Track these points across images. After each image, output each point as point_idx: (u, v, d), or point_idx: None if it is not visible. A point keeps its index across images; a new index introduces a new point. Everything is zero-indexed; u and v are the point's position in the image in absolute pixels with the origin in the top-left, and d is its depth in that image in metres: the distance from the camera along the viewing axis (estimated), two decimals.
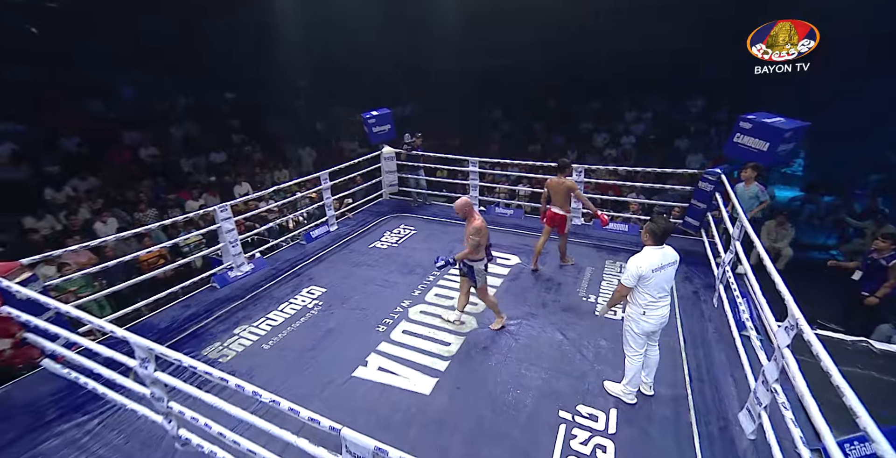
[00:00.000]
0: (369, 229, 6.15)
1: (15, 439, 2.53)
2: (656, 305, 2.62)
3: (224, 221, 4.37)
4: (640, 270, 2.52)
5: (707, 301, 4.16)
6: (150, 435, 2.58)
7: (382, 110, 6.73)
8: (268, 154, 10.68)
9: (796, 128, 4.44)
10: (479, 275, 3.46)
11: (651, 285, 2.57)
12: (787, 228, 6.54)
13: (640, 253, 2.61)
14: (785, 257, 6.52)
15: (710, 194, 4.84)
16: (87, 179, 7.46)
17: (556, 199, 4.51)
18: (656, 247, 2.59)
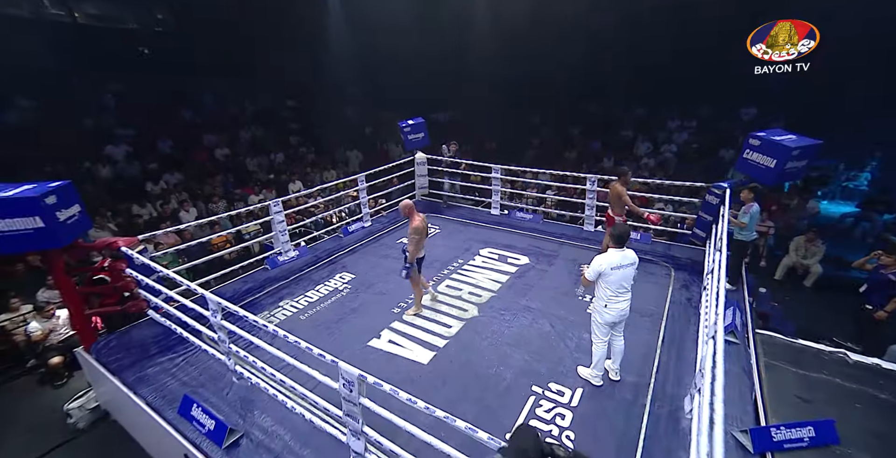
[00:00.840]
0: (399, 227, 6.90)
1: (129, 364, 3.53)
2: (616, 299, 3.06)
3: (276, 213, 5.31)
4: (601, 267, 2.99)
5: (698, 308, 4.40)
6: (216, 371, 3.46)
7: (417, 119, 7.48)
8: (319, 155, 11.89)
9: (805, 146, 4.54)
10: (414, 269, 4.10)
11: (611, 281, 3.01)
12: (817, 244, 6.41)
13: (605, 253, 3.07)
14: (814, 274, 6.42)
15: (717, 207, 5.01)
16: (175, 174, 8.95)
17: (610, 202, 4.97)
18: (618, 249, 3.04)
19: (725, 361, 3.47)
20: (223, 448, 2.73)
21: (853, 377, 3.20)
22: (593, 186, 6.16)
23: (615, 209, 4.97)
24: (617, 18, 12.47)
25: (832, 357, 3.45)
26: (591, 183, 6.17)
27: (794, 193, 9.34)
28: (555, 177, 8.36)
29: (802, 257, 6.44)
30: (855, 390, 3.08)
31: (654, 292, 4.71)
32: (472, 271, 5.31)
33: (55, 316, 4.61)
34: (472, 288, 4.87)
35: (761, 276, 6.86)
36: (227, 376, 3.36)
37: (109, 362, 3.57)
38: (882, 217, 8.14)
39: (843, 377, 3.20)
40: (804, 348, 3.60)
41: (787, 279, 6.62)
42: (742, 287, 4.74)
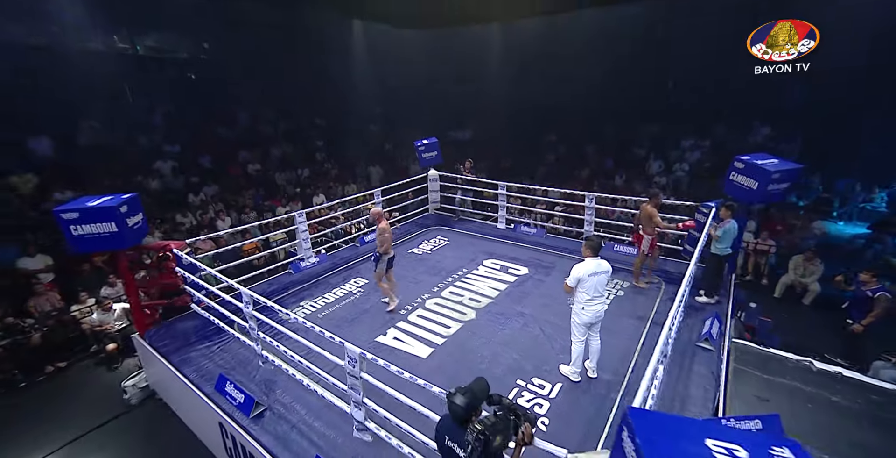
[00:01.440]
0: (411, 238, 7.48)
1: (175, 349, 4.18)
2: (591, 302, 3.48)
3: (301, 223, 5.99)
4: (580, 274, 3.43)
5: (683, 319, 4.71)
6: (245, 357, 4.06)
7: (431, 139, 8.13)
8: (342, 171, 12.74)
9: (786, 170, 4.86)
10: (381, 263, 4.75)
11: (588, 286, 3.45)
12: (815, 263, 6.56)
13: (582, 262, 3.52)
14: (812, 293, 6.55)
15: (704, 225, 5.34)
16: (212, 187, 9.91)
17: (641, 222, 5.27)
18: (593, 258, 3.48)
19: (696, 364, 3.84)
20: (250, 418, 3.29)
21: (813, 383, 3.48)
22: (591, 203, 6.58)
23: (646, 229, 5.19)
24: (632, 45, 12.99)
25: (798, 365, 3.72)
26: (590, 200, 6.59)
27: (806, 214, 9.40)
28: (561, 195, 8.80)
29: (801, 275, 6.59)
30: (811, 393, 3.36)
31: (642, 303, 5.05)
32: (474, 279, 5.79)
33: (112, 309, 5.37)
34: (472, 294, 5.34)
35: (762, 293, 7.03)
36: (255, 361, 3.95)
37: (159, 346, 4.23)
38: (895, 239, 8.10)
39: (804, 382, 3.48)
40: (773, 356, 3.88)
41: (787, 297, 6.75)
42: (727, 300, 5.00)
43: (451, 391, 1.89)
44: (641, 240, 5.27)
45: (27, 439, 4.04)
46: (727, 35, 11.14)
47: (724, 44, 11.02)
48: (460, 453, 1.83)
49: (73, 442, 4.01)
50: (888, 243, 7.94)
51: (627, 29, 12.89)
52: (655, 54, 13.17)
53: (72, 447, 3.96)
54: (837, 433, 3.00)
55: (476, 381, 1.96)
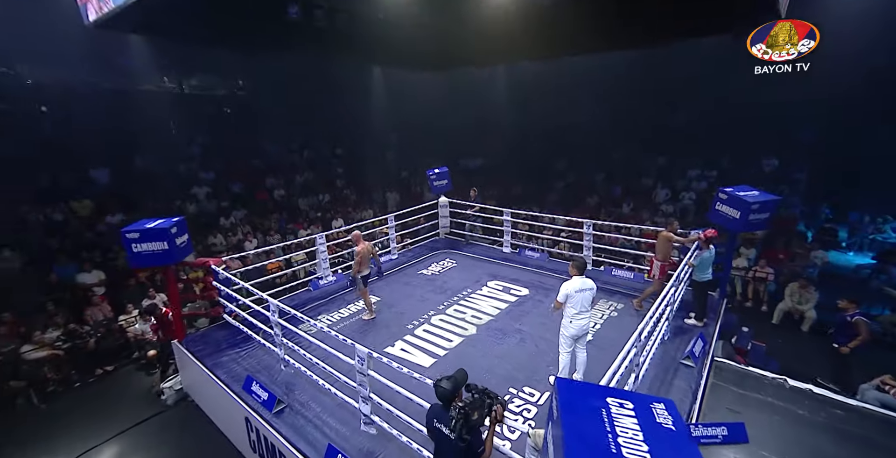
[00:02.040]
0: (421, 260, 8.03)
1: (208, 354, 4.75)
2: (578, 317, 3.91)
3: (320, 245, 6.64)
4: (568, 290, 3.89)
5: (670, 338, 5.02)
6: (269, 362, 4.58)
7: (442, 168, 8.82)
8: (360, 196, 13.58)
9: (765, 201, 5.28)
10: (359, 283, 5.33)
11: (575, 301, 3.90)
12: (809, 291, 6.75)
13: (569, 280, 3.97)
14: (808, 320, 6.71)
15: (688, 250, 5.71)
16: (241, 211, 10.81)
17: (657, 248, 5.59)
18: (579, 277, 3.94)
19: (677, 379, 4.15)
20: (272, 413, 3.77)
21: (784, 398, 3.75)
22: (589, 229, 7.04)
23: (659, 255, 5.51)
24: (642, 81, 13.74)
25: (773, 382, 4.00)
26: (588, 227, 7.06)
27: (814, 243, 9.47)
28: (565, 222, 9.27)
29: (797, 302, 6.77)
30: (780, 406, 3.64)
31: (634, 322, 5.37)
32: (477, 298, 6.25)
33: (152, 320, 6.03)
34: (475, 312, 5.79)
35: (761, 320, 7.18)
36: (277, 366, 4.47)
37: (195, 351, 4.81)
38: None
39: (775, 397, 3.76)
40: (751, 374, 4.17)
41: (785, 324, 6.90)
42: (714, 323, 5.29)
43: (438, 379, 2.38)
44: (651, 263, 5.65)
45: (81, 430, 4.62)
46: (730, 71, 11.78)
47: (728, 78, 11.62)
48: (446, 431, 2.29)
49: (119, 435, 4.55)
50: (892, 273, 8.00)
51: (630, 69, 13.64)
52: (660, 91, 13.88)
53: (118, 439, 4.50)
54: (798, 441, 3.27)
55: (458, 371, 2.44)
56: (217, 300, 5.11)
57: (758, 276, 7.57)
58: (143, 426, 4.73)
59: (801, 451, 3.17)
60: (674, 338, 4.99)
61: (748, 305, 7.63)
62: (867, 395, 4.53)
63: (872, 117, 10.72)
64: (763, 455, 3.12)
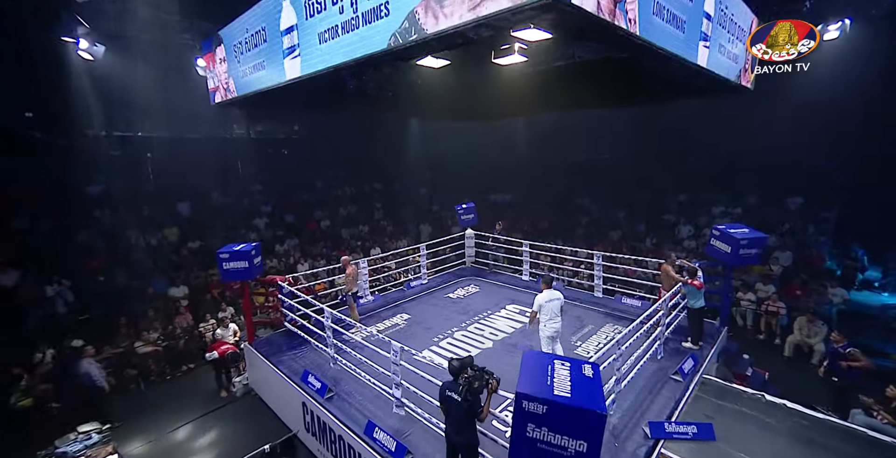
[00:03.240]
0: (449, 286, 9.00)
1: (272, 354, 5.88)
2: (550, 322, 4.81)
3: (363, 269, 7.81)
4: (541, 301, 4.79)
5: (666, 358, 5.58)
6: (321, 362, 5.62)
7: (469, 203, 9.96)
8: (396, 228, 14.95)
9: (753, 238, 5.92)
10: (349, 300, 6.31)
11: (546, 310, 4.80)
12: (817, 324, 7.03)
13: (541, 293, 4.86)
14: (818, 352, 6.95)
15: None
16: (294, 239, 12.38)
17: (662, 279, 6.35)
18: (549, 290, 4.85)
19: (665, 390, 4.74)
20: (325, 398, 4.76)
21: (757, 409, 4.28)
22: (599, 260, 7.79)
23: (665, 285, 6.20)
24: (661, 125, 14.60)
25: (751, 397, 4.52)
26: (598, 258, 7.81)
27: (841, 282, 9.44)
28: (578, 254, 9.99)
29: (806, 336, 7.03)
30: (751, 415, 4.18)
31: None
32: (496, 319, 7.08)
33: (228, 327, 7.31)
34: (492, 330, 6.62)
35: (774, 352, 7.43)
36: (327, 364, 5.50)
37: (262, 351, 5.95)
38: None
39: (750, 408, 4.30)
40: (732, 389, 4.70)
41: (796, 356, 7.12)
42: (710, 347, 5.79)
43: (451, 359, 3.32)
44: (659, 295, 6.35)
45: (172, 412, 5.82)
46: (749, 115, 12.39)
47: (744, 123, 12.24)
48: (455, 397, 3.19)
49: (201, 417, 5.69)
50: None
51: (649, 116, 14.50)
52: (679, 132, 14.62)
53: (201, 420, 5.66)
54: (764, 444, 3.80)
55: (467, 356, 3.37)
56: (280, 311, 6.31)
57: (769, 310, 7.87)
58: (218, 412, 5.85)
59: (762, 449, 3.69)
60: (669, 358, 5.54)
61: (761, 337, 7.88)
62: (857, 419, 4.85)
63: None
64: (726, 451, 3.70)
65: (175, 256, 9.99)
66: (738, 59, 4.91)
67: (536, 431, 2.21)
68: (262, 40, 4.38)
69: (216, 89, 5.76)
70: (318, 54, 3.67)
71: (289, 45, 4.01)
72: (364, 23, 3.11)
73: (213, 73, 5.68)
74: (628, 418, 4.26)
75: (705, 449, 3.74)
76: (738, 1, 4.45)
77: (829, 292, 8.23)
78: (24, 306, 7.44)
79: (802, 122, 11.98)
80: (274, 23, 4.09)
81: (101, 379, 5.61)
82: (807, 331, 7.03)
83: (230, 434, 5.44)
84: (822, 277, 9.35)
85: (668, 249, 12.21)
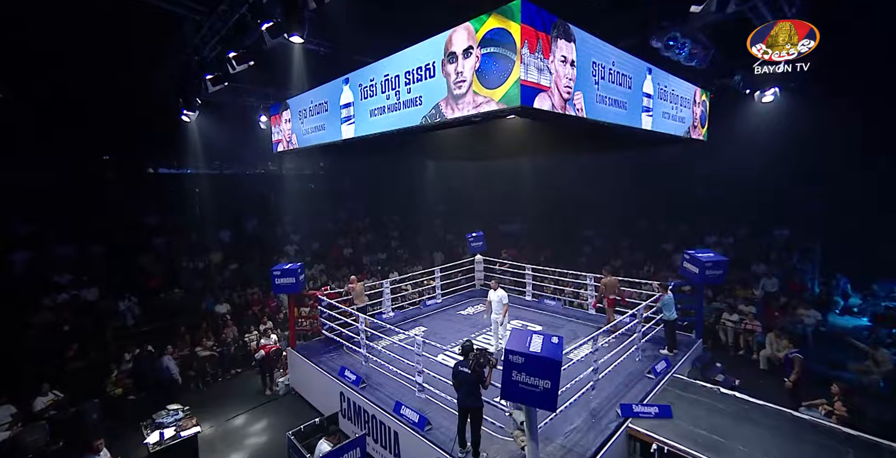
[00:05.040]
0: (461, 304, 10.13)
1: (312, 355, 7.04)
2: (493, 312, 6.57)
3: (385, 289, 9.05)
4: (490, 298, 6.28)
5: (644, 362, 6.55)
6: (353, 362, 6.75)
7: (479, 233, 11.26)
8: (412, 255, 16.26)
9: (716, 261, 7.03)
10: None
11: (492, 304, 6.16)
12: (784, 340, 7.90)
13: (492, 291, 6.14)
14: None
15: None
16: (320, 265, 13.76)
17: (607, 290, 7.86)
18: (494, 291, 6.35)
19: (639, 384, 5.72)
20: (359, 387, 5.86)
21: (711, 398, 5.25)
22: (591, 281, 8.90)
23: (609, 295, 7.76)
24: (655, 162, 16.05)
25: (709, 390, 5.48)
26: (590, 279, 8.93)
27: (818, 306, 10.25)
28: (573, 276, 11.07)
29: (776, 349, 7.88)
30: (705, 402, 5.15)
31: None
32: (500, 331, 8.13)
33: (270, 337, 8.52)
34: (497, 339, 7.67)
35: (752, 366, 8.26)
36: (358, 364, 6.63)
37: (303, 354, 7.12)
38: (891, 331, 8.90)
39: (705, 398, 5.27)
40: (695, 384, 5.66)
41: (771, 369, 7.93)
42: (683, 354, 6.76)
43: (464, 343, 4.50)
44: (612, 302, 7.53)
45: (227, 405, 6.96)
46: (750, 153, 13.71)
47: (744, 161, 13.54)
48: (466, 370, 4.32)
49: (251, 410, 6.80)
50: (882, 333, 8.78)
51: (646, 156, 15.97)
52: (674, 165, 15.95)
53: (252, 412, 6.78)
54: (710, 422, 4.77)
55: (466, 340, 4.56)
56: (319, 320, 7.54)
57: (747, 328, 8.76)
58: (264, 406, 6.95)
59: (707, 424, 4.63)
60: (647, 362, 6.53)
61: (741, 353, 8.72)
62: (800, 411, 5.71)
63: None
64: (678, 424, 4.67)
65: (219, 277, 11.40)
66: (685, 120, 6.29)
67: (518, 375, 3.35)
68: (325, 110, 5.96)
69: (279, 141, 7.37)
70: (369, 123, 5.17)
71: (346, 116, 5.55)
72: (404, 107, 4.58)
73: (279, 129, 7.31)
74: (606, 403, 5.27)
75: (662, 424, 4.72)
76: (677, 79, 5.88)
77: (803, 314, 9.09)
78: (102, 317, 8.82)
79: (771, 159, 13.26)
80: (335, 99, 5.67)
81: (176, 373, 6.82)
82: (776, 346, 7.89)
83: (277, 422, 6.51)
84: (802, 301, 10.20)
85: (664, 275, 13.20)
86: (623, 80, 4.72)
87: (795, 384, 6.04)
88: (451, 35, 3.95)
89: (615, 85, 4.59)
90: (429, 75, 4.23)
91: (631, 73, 4.84)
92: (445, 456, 4.49)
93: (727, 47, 6.86)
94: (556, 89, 3.82)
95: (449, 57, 3.99)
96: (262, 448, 5.99)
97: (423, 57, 4.25)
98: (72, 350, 7.72)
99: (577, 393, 5.21)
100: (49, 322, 8.40)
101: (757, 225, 14.19)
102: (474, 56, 3.77)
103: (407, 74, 4.46)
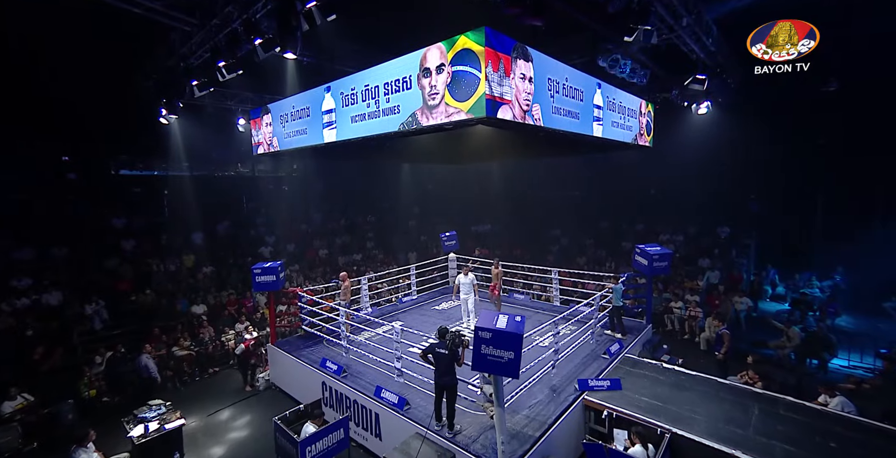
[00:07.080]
0: (435, 300, 10.62)
1: (293, 350, 7.32)
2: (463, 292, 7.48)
3: (364, 286, 9.41)
4: (459, 280, 6.74)
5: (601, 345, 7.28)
6: (332, 354, 7.08)
7: (452, 232, 11.82)
8: (387, 256, 16.59)
9: (662, 254, 7.90)
10: None
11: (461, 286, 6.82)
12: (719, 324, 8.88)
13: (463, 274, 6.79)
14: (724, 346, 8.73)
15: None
16: (296, 266, 13.85)
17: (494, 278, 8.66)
18: (465, 275, 7.03)
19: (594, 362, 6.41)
20: (340, 376, 6.23)
21: (655, 372, 6.02)
22: (556, 275, 9.64)
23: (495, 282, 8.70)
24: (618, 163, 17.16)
25: (654, 366, 6.26)
26: (555, 273, 9.67)
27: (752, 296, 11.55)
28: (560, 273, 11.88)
29: (712, 331, 8.88)
30: (650, 376, 5.91)
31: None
32: (472, 322, 8.69)
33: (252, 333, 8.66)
34: (469, 330, 8.22)
35: (694, 347, 9.24)
36: (338, 355, 6.98)
37: (284, 349, 7.38)
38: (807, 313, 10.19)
39: (650, 372, 6.02)
40: (642, 361, 6.43)
41: (709, 350, 8.92)
42: (634, 337, 7.56)
43: (440, 327, 5.00)
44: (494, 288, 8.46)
45: (208, 402, 7.10)
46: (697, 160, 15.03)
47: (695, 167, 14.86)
48: (444, 351, 4.82)
49: (232, 405, 6.99)
50: (796, 315, 10.04)
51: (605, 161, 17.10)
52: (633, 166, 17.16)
53: (234, 407, 6.97)
54: (652, 391, 5.50)
55: (441, 326, 5.06)
56: (300, 316, 7.80)
57: (691, 314, 9.79)
58: (245, 401, 7.15)
59: (650, 392, 5.37)
60: (603, 345, 7.27)
61: (686, 337, 9.71)
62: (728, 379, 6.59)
63: None
64: (626, 394, 5.38)
65: (192, 279, 11.33)
66: (632, 128, 7.12)
67: (486, 348, 3.89)
68: (307, 115, 6.31)
69: (260, 144, 7.62)
70: (350, 129, 5.59)
71: (328, 121, 5.93)
72: (383, 115, 5.04)
73: (259, 132, 7.56)
74: (565, 379, 5.92)
75: (613, 395, 5.41)
76: (624, 93, 6.69)
77: (736, 301, 10.23)
78: (67, 322, 8.66)
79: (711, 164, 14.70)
80: (317, 105, 6.05)
81: (155, 372, 6.89)
82: (713, 328, 8.90)
83: (259, 416, 6.74)
84: (738, 290, 11.43)
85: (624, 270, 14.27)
86: (575, 93, 5.41)
87: (725, 356, 6.95)
88: (425, 53, 4.48)
89: (568, 98, 5.27)
90: (405, 87, 4.73)
91: (582, 88, 5.54)
92: (423, 430, 4.97)
93: (665, 65, 7.82)
94: (516, 102, 4.43)
95: (424, 72, 4.51)
96: (246, 440, 6.22)
97: (400, 70, 4.76)
98: (37, 354, 7.60)
99: (540, 371, 5.83)
100: (10, 327, 8.20)
101: (703, 224, 15.57)
102: (446, 72, 4.31)
103: (386, 85, 4.95)
